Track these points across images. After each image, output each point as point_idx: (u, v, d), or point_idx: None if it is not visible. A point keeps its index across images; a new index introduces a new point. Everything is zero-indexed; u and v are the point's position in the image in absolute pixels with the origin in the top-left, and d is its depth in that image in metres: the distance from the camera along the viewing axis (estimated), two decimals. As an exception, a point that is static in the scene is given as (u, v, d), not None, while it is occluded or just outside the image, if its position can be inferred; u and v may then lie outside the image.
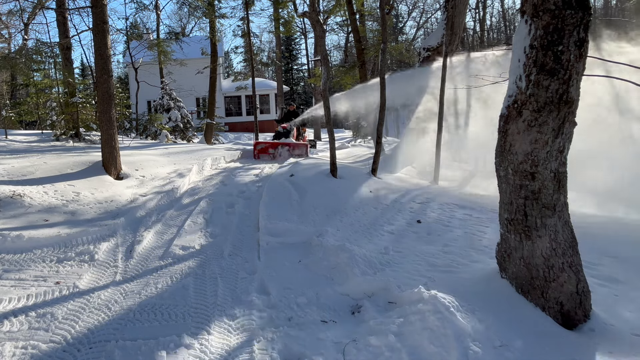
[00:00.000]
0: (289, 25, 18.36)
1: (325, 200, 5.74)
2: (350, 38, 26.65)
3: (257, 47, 27.81)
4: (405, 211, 5.50)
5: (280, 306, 3.17)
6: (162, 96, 15.99)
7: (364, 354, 2.56)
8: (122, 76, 31.85)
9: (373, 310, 3.07)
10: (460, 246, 4.29)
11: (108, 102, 6.53)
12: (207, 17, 15.61)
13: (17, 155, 7.32)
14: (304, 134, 12.80)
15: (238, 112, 26.66)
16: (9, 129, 12.26)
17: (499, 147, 3.03)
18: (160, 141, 13.56)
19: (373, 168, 7.35)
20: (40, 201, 5.00)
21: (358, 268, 3.69)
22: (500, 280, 3.23)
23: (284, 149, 10.64)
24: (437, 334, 2.57)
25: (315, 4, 8.34)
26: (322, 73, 7.29)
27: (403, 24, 36.68)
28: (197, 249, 4.30)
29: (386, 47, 7.69)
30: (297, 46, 35.23)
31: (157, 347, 2.64)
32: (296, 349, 2.65)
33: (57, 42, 10.96)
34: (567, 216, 2.92)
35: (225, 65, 31.90)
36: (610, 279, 3.53)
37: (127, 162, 7.08)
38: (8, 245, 3.98)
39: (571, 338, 2.70)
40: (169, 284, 3.54)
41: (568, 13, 2.56)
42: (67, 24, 10.61)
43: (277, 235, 4.55)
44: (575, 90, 2.69)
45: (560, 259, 2.85)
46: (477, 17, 32.08)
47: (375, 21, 21.67)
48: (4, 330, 2.79)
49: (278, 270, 3.80)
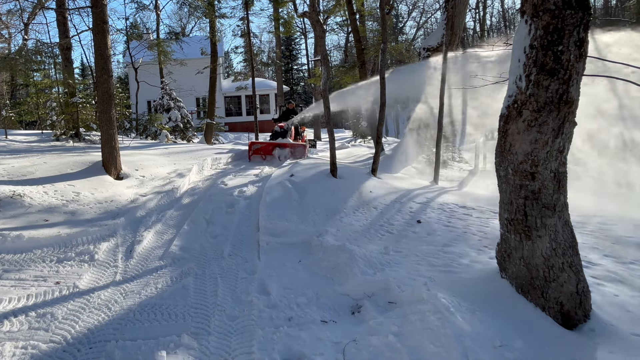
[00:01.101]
0: (289, 25, 18.35)
1: (325, 200, 5.74)
2: (350, 38, 26.66)
3: (257, 47, 27.78)
4: (405, 211, 5.50)
5: (280, 306, 3.17)
6: (162, 96, 15.99)
7: (364, 354, 2.56)
8: (122, 76, 31.84)
9: (373, 310, 3.07)
10: (460, 246, 4.29)
11: (108, 102, 6.53)
12: (207, 17, 15.61)
13: (17, 155, 7.33)
14: (303, 133, 11.91)
15: (238, 112, 26.66)
16: (9, 129, 12.26)
17: (499, 147, 3.03)
18: (160, 141, 13.56)
19: (373, 168, 7.35)
20: (40, 201, 5.00)
21: (358, 268, 3.69)
22: (500, 280, 3.23)
23: (281, 150, 9.81)
24: (437, 334, 2.57)
25: (315, 4, 8.34)
26: (322, 73, 7.29)
27: (403, 24, 36.70)
28: (197, 249, 4.30)
29: (386, 47, 7.69)
30: (297, 46, 35.22)
31: (157, 347, 2.64)
32: (296, 349, 2.65)
33: (57, 42, 10.96)
34: (567, 216, 2.92)
35: (225, 65, 31.91)
36: (610, 279, 3.53)
37: (127, 162, 7.08)
38: (8, 245, 3.98)
39: (571, 338, 2.70)
40: (169, 284, 3.54)
41: (568, 13, 2.56)
42: (67, 24, 10.61)
43: (277, 235, 4.55)
44: (575, 90, 2.69)
45: (560, 259, 2.85)
46: (477, 17, 32.07)
47: (375, 21, 21.68)
48: (4, 330, 2.79)
49: (278, 270, 3.80)
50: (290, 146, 9.96)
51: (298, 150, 9.90)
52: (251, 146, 10.04)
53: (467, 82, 6.05)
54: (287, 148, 9.83)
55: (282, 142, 9.98)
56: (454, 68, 7.76)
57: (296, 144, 10.20)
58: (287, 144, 9.96)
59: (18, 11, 13.22)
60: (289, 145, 9.94)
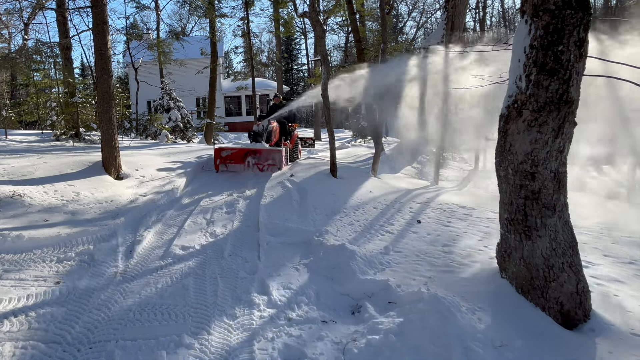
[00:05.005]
0: (289, 25, 18.35)
1: (325, 200, 5.75)
2: (350, 38, 26.67)
3: (257, 47, 27.83)
4: (405, 211, 5.50)
5: (281, 306, 3.17)
6: (162, 96, 16.00)
7: (364, 354, 2.56)
8: (122, 76, 31.82)
9: (373, 310, 3.07)
10: (460, 246, 4.29)
11: (108, 102, 6.53)
12: (207, 17, 15.63)
13: (17, 155, 7.33)
14: (294, 131, 9.51)
15: (238, 112, 26.65)
16: (9, 129, 12.27)
17: (499, 147, 3.03)
18: (160, 141, 13.56)
19: (373, 168, 7.36)
20: (40, 201, 5.00)
21: (358, 268, 3.69)
22: (500, 280, 3.23)
23: (254, 157, 7.71)
24: (437, 333, 2.57)
25: (315, 4, 8.34)
26: (322, 73, 7.30)
27: (403, 24, 36.69)
28: (197, 249, 4.30)
29: (386, 47, 7.70)
30: (297, 46, 35.23)
31: (157, 347, 2.64)
32: (296, 349, 2.65)
33: (57, 42, 10.98)
34: (567, 216, 2.92)
35: (225, 65, 31.90)
36: (610, 279, 3.53)
37: (127, 162, 7.08)
38: (8, 245, 3.98)
39: (571, 338, 2.70)
40: (169, 284, 3.54)
41: (568, 13, 2.56)
42: (67, 24, 10.62)
43: (277, 235, 4.55)
44: (576, 90, 2.69)
45: (560, 259, 2.85)
46: (477, 17, 32.06)
47: (375, 21, 21.67)
48: (4, 330, 2.79)
49: (278, 270, 3.80)
50: (264, 153, 7.71)
51: (273, 158, 7.61)
52: (218, 153, 7.66)
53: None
54: (260, 155, 7.74)
55: (254, 148, 7.81)
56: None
57: (272, 149, 7.76)
58: (259, 149, 7.74)
59: (17, 10, 13.22)
60: (262, 152, 7.71)
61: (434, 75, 8.49)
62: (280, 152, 7.60)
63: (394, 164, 10.43)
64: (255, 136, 8.14)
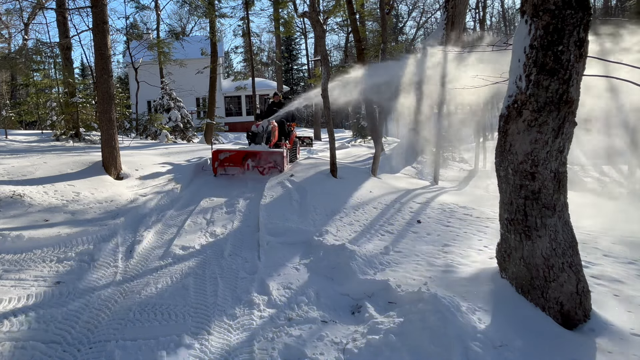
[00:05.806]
0: (289, 25, 18.37)
1: (325, 200, 5.75)
2: (350, 38, 26.65)
3: (257, 47, 27.80)
4: (405, 211, 5.50)
5: (281, 306, 3.17)
6: (162, 96, 16.00)
7: (364, 354, 2.56)
8: (122, 76, 31.82)
9: (373, 310, 3.07)
10: (460, 246, 4.29)
11: (108, 102, 6.53)
12: (207, 17, 15.63)
13: (17, 155, 7.33)
14: (293, 131, 9.34)
15: (238, 112, 26.66)
16: (9, 129, 12.27)
17: (499, 147, 3.03)
18: (160, 141, 13.56)
19: (373, 168, 7.36)
20: (40, 201, 5.00)
21: (358, 268, 3.69)
22: (500, 280, 3.23)
23: (254, 160, 7.52)
24: (437, 333, 2.57)
25: (315, 4, 8.35)
26: (322, 73, 7.30)
27: (403, 24, 36.68)
28: (197, 249, 4.30)
29: (386, 47, 7.70)
30: (297, 46, 35.24)
31: (157, 347, 2.64)
32: (296, 349, 2.65)
33: (57, 42, 10.97)
34: (567, 216, 2.92)
35: (225, 65, 31.90)
36: (610, 279, 3.53)
37: (127, 162, 7.08)
38: (8, 245, 3.98)
39: (571, 338, 2.70)
40: (169, 284, 3.54)
41: (568, 13, 2.56)
42: (67, 24, 10.62)
43: (277, 235, 4.55)
44: (575, 90, 2.69)
45: (560, 259, 2.85)
46: (477, 17, 32.04)
47: (375, 21, 21.66)
48: (4, 330, 2.79)
49: (278, 270, 3.80)
50: (264, 155, 7.45)
51: (275, 160, 7.45)
52: (216, 156, 7.38)
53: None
54: (260, 157, 7.51)
55: (254, 150, 7.54)
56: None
57: (273, 151, 7.51)
58: (259, 151, 7.47)
59: (17, 10, 13.23)
60: (262, 154, 7.47)
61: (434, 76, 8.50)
62: (281, 153, 7.42)
63: (394, 164, 10.44)
64: (254, 137, 7.97)
